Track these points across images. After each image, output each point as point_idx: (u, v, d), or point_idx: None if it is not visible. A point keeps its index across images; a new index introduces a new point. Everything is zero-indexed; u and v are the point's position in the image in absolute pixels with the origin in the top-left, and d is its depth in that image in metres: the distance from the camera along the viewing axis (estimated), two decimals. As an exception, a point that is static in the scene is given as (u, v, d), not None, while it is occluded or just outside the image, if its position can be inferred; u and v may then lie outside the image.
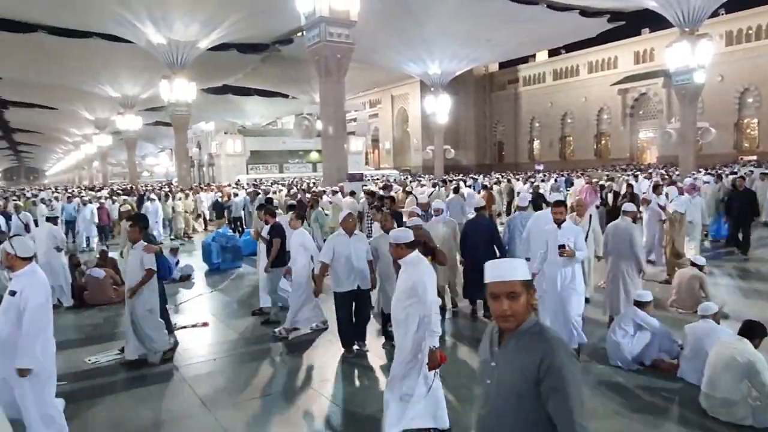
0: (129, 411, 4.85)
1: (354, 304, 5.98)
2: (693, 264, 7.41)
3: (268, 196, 14.67)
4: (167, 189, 25.15)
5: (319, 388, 5.23)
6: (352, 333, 6.03)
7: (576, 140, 55.40)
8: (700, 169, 24.05)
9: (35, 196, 24.41)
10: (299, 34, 30.01)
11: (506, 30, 31.63)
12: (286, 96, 48.38)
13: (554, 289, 5.51)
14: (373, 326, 6.60)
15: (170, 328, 6.56)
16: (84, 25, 28.03)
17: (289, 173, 44.00)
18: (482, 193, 14.86)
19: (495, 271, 1.93)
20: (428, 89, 40.64)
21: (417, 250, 4.32)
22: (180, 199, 17.44)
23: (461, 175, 35.92)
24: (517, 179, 23.91)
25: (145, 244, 5.98)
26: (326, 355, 6.12)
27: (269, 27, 30.26)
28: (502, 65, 58.85)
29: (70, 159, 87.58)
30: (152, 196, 17.48)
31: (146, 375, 5.68)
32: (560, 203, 5.76)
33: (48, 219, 9.75)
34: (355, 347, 6.06)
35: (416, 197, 12.70)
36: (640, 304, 5.51)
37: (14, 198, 22.58)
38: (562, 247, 5.38)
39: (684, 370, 4.98)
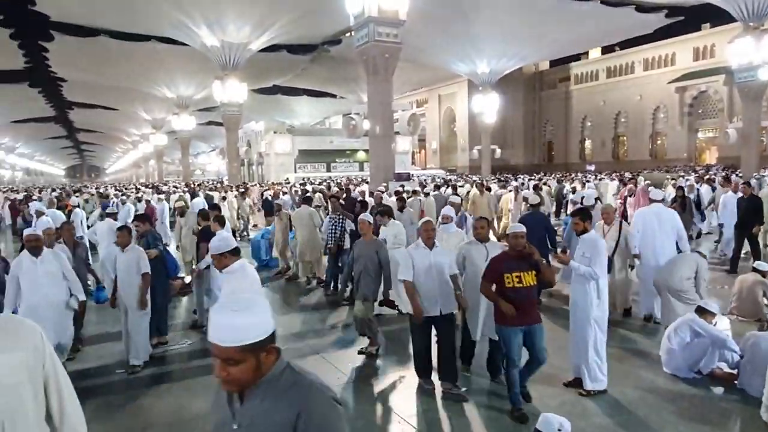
0: (187, 400, 5.05)
1: (435, 331, 4.97)
2: (755, 270, 7.06)
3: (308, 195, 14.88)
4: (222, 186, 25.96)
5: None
6: (430, 365, 5.05)
7: (630, 140, 53.61)
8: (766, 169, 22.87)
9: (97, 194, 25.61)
10: (348, 34, 30.32)
11: (558, 27, 30.89)
12: (334, 96, 48.95)
13: (574, 307, 4.94)
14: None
15: (163, 329, 6.70)
16: (144, 29, 29.22)
17: (336, 172, 44.45)
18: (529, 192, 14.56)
19: (214, 330, 1.54)
20: (476, 88, 40.21)
21: (242, 259, 4.23)
22: (236, 197, 17.62)
23: (507, 174, 35.41)
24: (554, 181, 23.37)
25: (138, 248, 5.95)
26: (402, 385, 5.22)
27: (318, 28, 30.69)
28: (552, 63, 57.53)
29: (129, 157, 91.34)
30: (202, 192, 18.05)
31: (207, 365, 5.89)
32: (576, 213, 5.10)
33: (108, 215, 10.21)
34: (445, 386, 4.90)
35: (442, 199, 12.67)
36: (702, 312, 5.25)
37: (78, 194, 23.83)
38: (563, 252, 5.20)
39: (744, 380, 4.75)
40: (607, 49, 52.05)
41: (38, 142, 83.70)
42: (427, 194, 14.47)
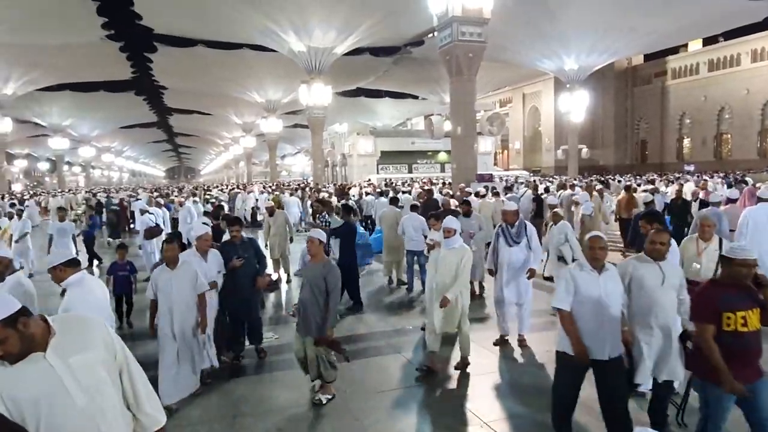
0: (269, 392, 5.24)
1: (596, 379, 3.82)
2: None
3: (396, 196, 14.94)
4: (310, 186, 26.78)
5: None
6: (571, 417, 3.96)
7: (735, 138, 49.46)
8: None
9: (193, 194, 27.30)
10: (430, 35, 30.31)
11: (654, 18, 29.02)
12: (416, 97, 49.07)
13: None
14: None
15: (258, 338, 6.32)
16: (236, 37, 30.78)
17: (417, 173, 44.45)
18: (622, 195, 13.83)
19: None
20: (563, 86, 38.75)
21: (82, 272, 3.89)
22: (329, 196, 17.99)
23: (597, 175, 33.81)
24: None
25: (192, 267, 5.09)
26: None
27: (401, 29, 30.89)
28: (647, 57, 54.19)
29: (221, 159, 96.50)
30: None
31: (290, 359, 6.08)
32: (645, 215, 5.20)
33: (205, 213, 10.85)
34: None
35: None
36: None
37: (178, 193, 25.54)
38: None
39: None
40: (709, 41, 48.31)
41: (142, 146, 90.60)
42: (497, 194, 14.20)
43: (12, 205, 20.82)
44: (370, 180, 35.55)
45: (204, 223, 7.19)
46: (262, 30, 27.79)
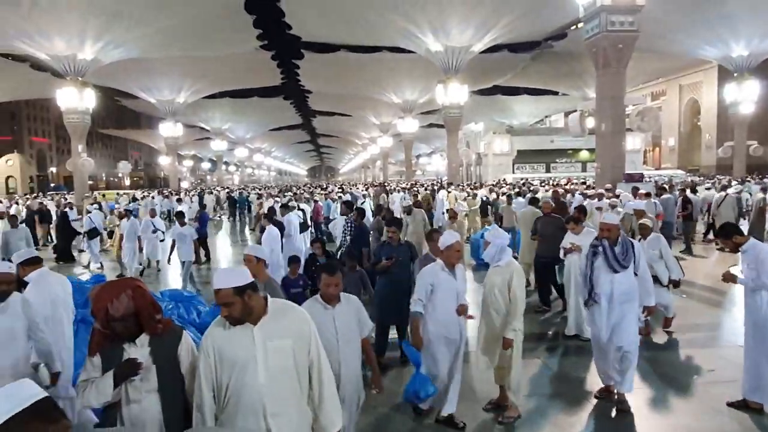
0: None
1: None
2: None
3: (536, 195, 14.40)
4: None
5: None
6: None
7: None
8: None
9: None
10: (573, 27, 28.76)
11: None
12: (555, 93, 46.96)
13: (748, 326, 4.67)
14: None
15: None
16: (376, 41, 31.83)
17: (556, 173, 42.55)
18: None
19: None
20: (729, 75, 34.51)
21: (42, 268, 4.21)
22: (465, 198, 17.69)
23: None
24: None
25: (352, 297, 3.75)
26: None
27: (542, 23, 29.69)
28: (839, 38, 46.31)
29: (358, 159, 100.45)
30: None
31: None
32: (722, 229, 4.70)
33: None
34: None
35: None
36: None
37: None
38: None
39: None
40: None
41: (288, 147, 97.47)
42: (648, 194, 13.00)
43: (179, 201, 23.63)
44: (505, 179, 34.76)
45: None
46: (402, 32, 28.39)
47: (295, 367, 2.46)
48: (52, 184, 63.16)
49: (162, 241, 12.44)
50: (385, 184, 37.38)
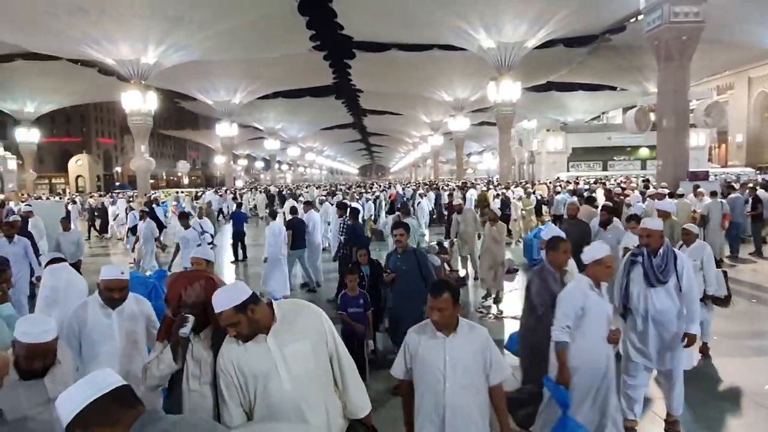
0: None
1: None
2: None
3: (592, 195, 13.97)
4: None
5: None
6: None
7: None
8: None
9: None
10: (633, 19, 27.72)
11: None
12: (613, 88, 45.28)
13: None
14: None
15: None
16: (427, 39, 31.67)
17: (613, 171, 41.16)
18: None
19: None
20: (805, 66, 32.38)
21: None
22: (520, 198, 17.20)
23: None
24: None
25: None
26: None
27: (599, 17, 28.73)
28: None
29: (409, 158, 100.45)
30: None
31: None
32: None
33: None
34: None
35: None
36: None
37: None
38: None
39: None
40: None
41: (339, 145, 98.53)
42: (714, 193, 12.33)
43: (234, 199, 24.40)
44: (559, 178, 33.94)
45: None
46: (453, 29, 28.14)
47: (317, 366, 2.44)
48: (117, 183, 66.44)
49: (210, 244, 11.18)
50: (436, 183, 37.21)
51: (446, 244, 10.00)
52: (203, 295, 2.54)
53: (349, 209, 10.34)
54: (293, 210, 11.58)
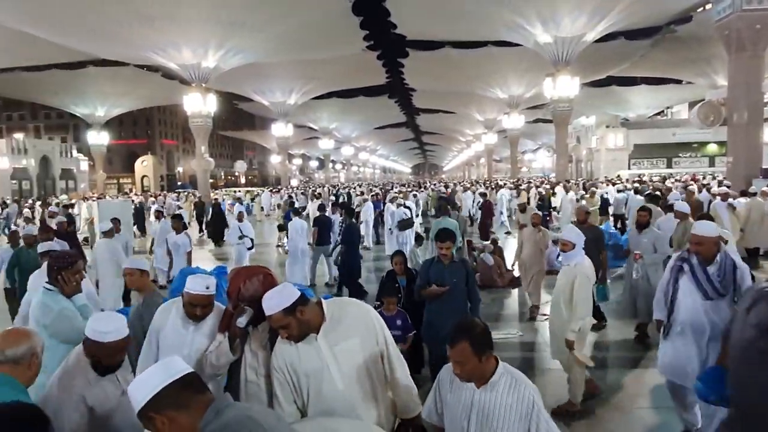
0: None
1: None
2: None
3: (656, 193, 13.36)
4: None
5: None
6: None
7: None
8: None
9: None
10: (700, 9, 26.41)
11: None
12: (678, 81, 43.19)
13: None
14: None
15: None
16: (481, 36, 31.26)
17: (678, 168, 39.36)
18: None
19: None
20: None
21: None
22: (582, 197, 16.71)
23: None
24: None
25: None
26: None
27: (663, 7, 27.50)
28: None
29: (462, 156, 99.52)
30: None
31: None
32: None
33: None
34: None
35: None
36: None
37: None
38: None
39: None
40: None
41: (392, 145, 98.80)
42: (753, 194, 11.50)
43: (291, 204, 24.90)
44: (619, 176, 32.76)
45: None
46: (508, 25, 27.64)
47: (367, 363, 2.45)
48: (179, 183, 69.22)
49: (250, 249, 10.95)
50: (490, 182, 36.67)
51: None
52: (261, 289, 2.61)
53: (346, 209, 10.83)
54: (321, 207, 11.98)
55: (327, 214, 11.88)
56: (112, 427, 2.39)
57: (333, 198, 25.85)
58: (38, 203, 28.72)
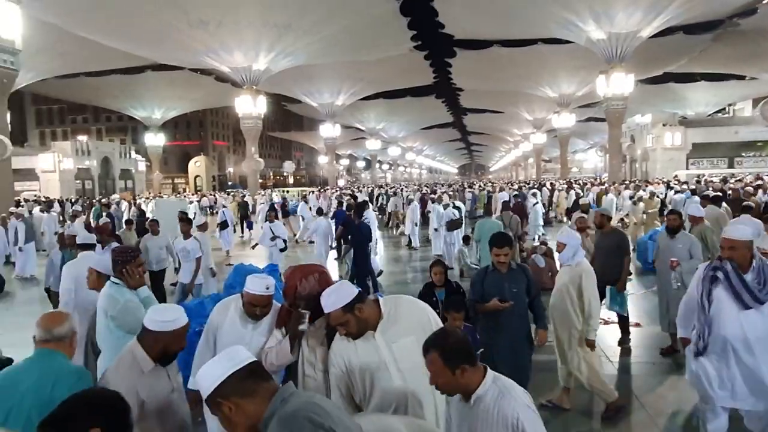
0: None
1: None
2: None
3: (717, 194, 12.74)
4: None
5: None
6: None
7: None
8: None
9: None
10: (765, 1, 25.12)
11: None
12: (741, 77, 41.13)
13: None
14: None
15: None
16: (530, 34, 30.72)
17: (741, 168, 37.45)
18: None
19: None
20: None
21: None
22: (640, 199, 15.66)
23: None
24: None
25: None
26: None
27: (725, 0, 26.33)
28: None
29: (509, 156, 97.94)
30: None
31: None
32: None
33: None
34: None
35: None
36: None
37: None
38: None
39: None
40: None
41: (438, 145, 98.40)
42: None
43: (339, 205, 25.02)
44: (677, 176, 31.50)
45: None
46: (559, 22, 27.03)
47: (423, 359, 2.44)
48: (230, 183, 71.14)
49: (282, 250, 10.59)
50: (541, 182, 35.96)
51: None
52: (317, 287, 2.68)
53: (356, 206, 11.06)
54: (348, 207, 12.48)
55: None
56: (161, 423, 2.41)
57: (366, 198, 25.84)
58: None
